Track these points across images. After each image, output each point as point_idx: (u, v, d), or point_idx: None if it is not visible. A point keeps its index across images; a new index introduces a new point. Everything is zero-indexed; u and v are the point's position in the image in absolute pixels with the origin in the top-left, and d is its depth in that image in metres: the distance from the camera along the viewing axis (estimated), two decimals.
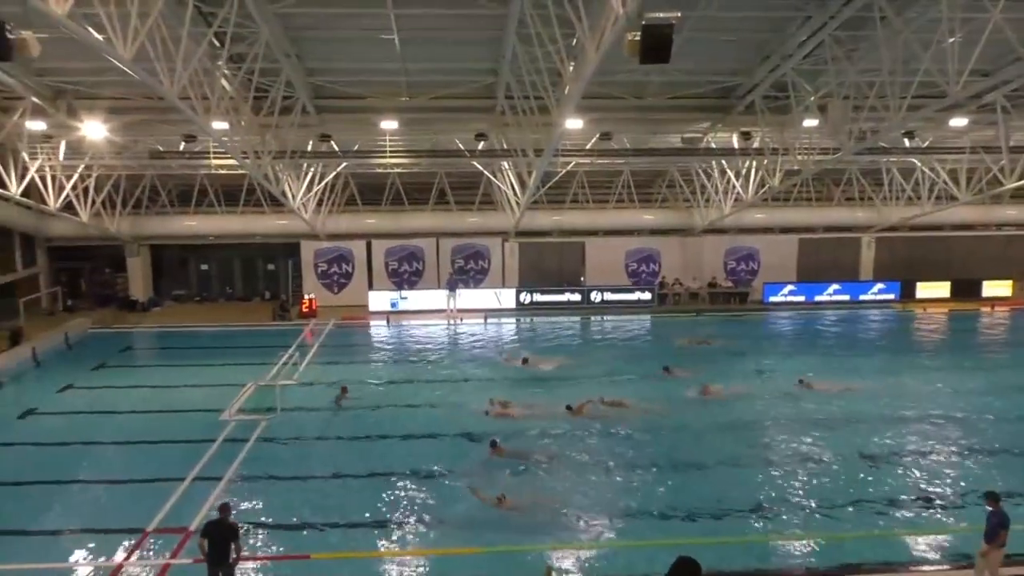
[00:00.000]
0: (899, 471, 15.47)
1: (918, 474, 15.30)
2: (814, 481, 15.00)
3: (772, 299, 34.28)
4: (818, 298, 34.40)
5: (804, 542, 12.63)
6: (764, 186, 27.44)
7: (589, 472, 15.41)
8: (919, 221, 34.08)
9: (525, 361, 23.73)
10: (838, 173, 34.03)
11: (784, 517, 13.47)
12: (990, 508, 11.31)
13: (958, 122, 25.13)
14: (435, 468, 15.54)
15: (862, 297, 34.66)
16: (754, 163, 27.76)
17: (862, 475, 15.25)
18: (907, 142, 28.40)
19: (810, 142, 24.83)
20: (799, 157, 25.02)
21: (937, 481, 14.92)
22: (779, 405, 19.70)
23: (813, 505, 13.90)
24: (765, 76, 22.18)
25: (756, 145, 26.92)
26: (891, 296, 34.58)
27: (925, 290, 34.77)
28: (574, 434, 17.51)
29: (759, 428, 17.98)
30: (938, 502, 14.01)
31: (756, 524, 13.27)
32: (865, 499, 14.07)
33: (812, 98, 22.64)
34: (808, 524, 13.24)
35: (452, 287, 32.59)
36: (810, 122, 23.78)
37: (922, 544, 12.56)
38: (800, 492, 14.46)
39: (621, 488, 14.73)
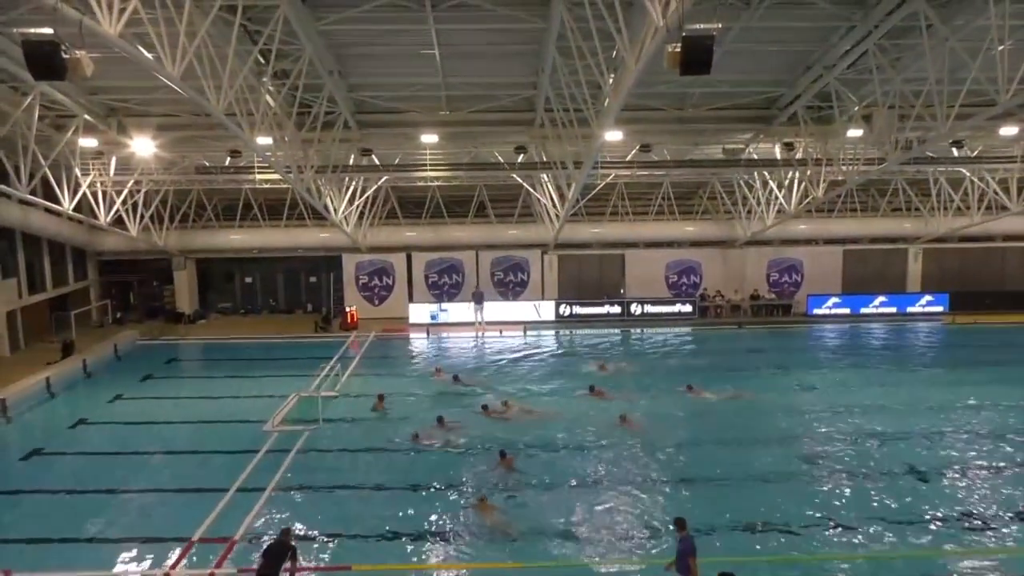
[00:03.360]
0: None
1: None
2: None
3: (816, 311, 33.70)
4: (864, 310, 33.76)
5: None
6: (807, 197, 27.05)
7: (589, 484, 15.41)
8: (969, 232, 33.27)
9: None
10: (884, 183, 33.42)
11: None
12: (679, 535, 11.05)
13: (1008, 131, 24.51)
14: (475, 480, 15.59)
15: (909, 309, 33.92)
16: (797, 174, 27.38)
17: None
18: (955, 151, 27.81)
19: (854, 152, 24.41)
20: (843, 168, 24.64)
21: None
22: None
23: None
24: (808, 86, 21.90)
25: (799, 156, 26.58)
26: (940, 308, 33.76)
27: (975, 302, 33.82)
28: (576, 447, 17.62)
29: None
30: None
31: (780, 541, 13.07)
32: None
33: (856, 108, 22.31)
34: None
35: (479, 300, 32.63)
36: (854, 132, 23.41)
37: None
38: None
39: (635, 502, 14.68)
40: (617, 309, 33.59)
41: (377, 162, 27.49)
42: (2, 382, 22.43)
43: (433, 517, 13.99)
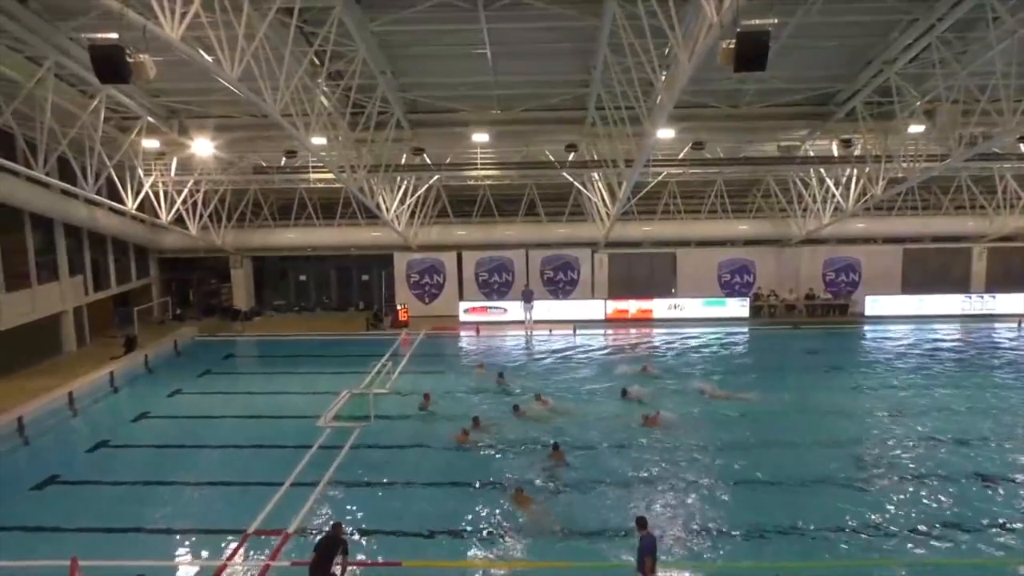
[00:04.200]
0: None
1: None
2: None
3: (874, 312, 32.86)
4: (924, 311, 32.78)
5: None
6: (866, 195, 26.40)
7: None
8: None
9: (501, 377, 23.34)
10: (947, 180, 32.36)
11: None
12: (640, 533, 11.10)
13: None
14: (525, 478, 15.57)
15: (972, 310, 32.83)
16: (855, 171, 26.76)
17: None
18: (1022, 147, 26.84)
19: (916, 149, 23.76)
20: (904, 164, 23.99)
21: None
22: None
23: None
24: (867, 81, 21.40)
25: (857, 152, 25.98)
26: (1005, 309, 32.56)
27: None
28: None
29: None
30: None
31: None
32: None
33: (918, 103, 21.70)
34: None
35: (528, 299, 32.52)
36: (916, 128, 22.80)
37: None
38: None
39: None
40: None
41: (428, 161, 27.72)
42: (70, 376, 23.27)
43: (482, 514, 14.05)
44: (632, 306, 33.39)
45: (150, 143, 25.11)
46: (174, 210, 29.23)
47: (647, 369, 24.35)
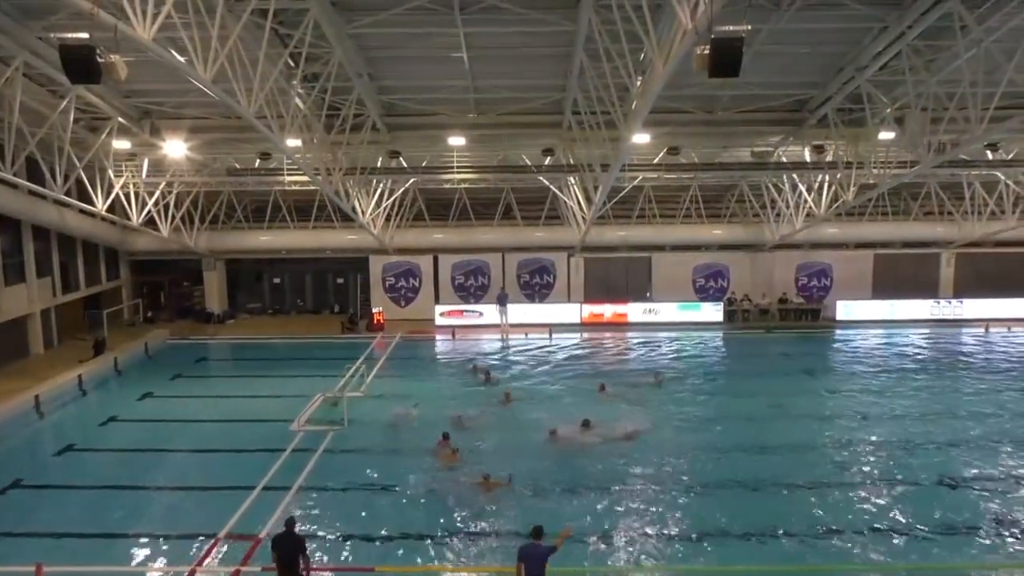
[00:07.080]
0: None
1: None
2: None
3: (845, 316, 33.24)
4: (894, 316, 33.20)
5: None
6: (838, 201, 26.75)
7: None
8: (1004, 236, 32.70)
9: (488, 376, 23.73)
10: (916, 187, 32.89)
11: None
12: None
13: None
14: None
15: (941, 315, 33.30)
16: (827, 177, 27.09)
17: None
18: (990, 154, 27.33)
19: (886, 155, 24.10)
20: (875, 171, 24.32)
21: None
22: None
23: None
24: (839, 88, 21.67)
25: (829, 159, 26.31)
26: (973, 314, 33.07)
27: (1010, 308, 33.04)
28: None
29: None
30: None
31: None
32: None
33: (888, 110, 22.00)
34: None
35: (502, 302, 32.56)
36: (886, 135, 23.10)
37: None
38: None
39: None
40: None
41: (405, 164, 27.63)
42: (36, 379, 22.87)
43: (456, 518, 13.99)
44: (607, 310, 33.58)
45: (121, 144, 24.78)
46: (145, 212, 28.85)
47: (604, 389, 22.70)
